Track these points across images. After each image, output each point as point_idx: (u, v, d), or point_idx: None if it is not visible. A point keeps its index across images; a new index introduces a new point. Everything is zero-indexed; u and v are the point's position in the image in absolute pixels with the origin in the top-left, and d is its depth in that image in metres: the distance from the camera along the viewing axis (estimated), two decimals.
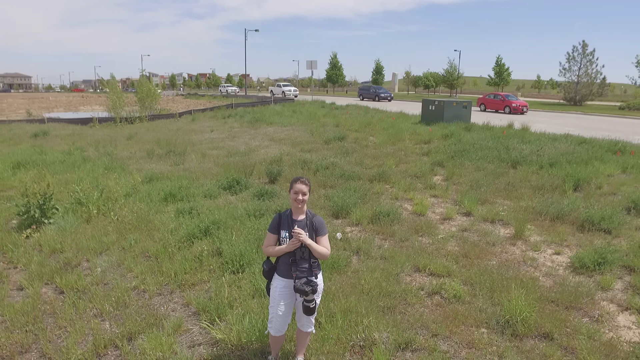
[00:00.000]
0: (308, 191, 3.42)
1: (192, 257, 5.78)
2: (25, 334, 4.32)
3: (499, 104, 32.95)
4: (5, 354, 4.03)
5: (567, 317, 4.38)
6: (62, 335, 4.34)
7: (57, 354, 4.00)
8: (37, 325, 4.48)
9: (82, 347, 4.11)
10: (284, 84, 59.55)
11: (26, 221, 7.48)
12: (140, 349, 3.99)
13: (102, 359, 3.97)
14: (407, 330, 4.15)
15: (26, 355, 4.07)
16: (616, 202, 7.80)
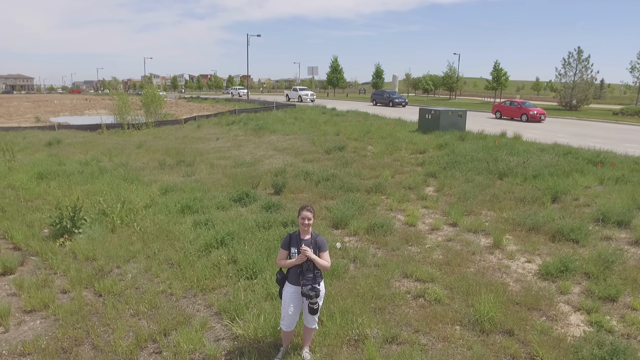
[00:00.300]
0: (313, 217, 4.30)
1: (211, 264, 6.67)
2: (77, 330, 5.20)
3: (515, 112, 31.94)
4: (65, 346, 4.91)
5: (527, 317, 5.26)
6: (107, 331, 5.22)
7: (106, 347, 4.88)
8: (85, 323, 5.36)
9: (126, 340, 4.99)
10: (301, 87, 57.34)
11: (59, 231, 8.36)
12: (175, 342, 4.87)
13: (144, 351, 4.86)
14: (393, 327, 5.03)
15: (81, 347, 4.94)
16: (588, 214, 8.67)
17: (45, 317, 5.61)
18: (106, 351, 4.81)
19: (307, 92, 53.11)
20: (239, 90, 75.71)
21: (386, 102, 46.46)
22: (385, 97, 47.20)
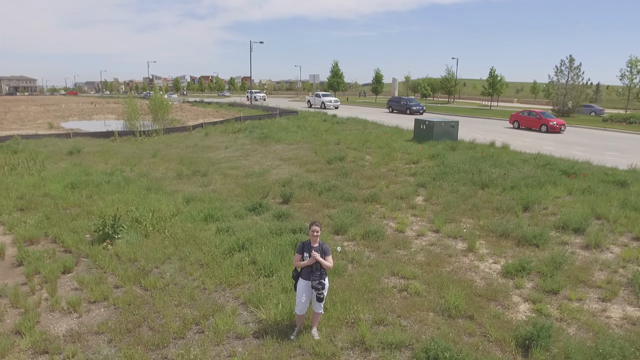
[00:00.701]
0: (320, 230, 5.78)
1: (235, 265, 8.15)
2: (135, 316, 6.68)
3: (534, 122, 31.28)
4: (129, 327, 6.39)
5: (486, 305, 6.75)
6: (159, 316, 6.70)
7: (160, 328, 6.36)
8: (140, 310, 6.84)
9: (175, 323, 6.47)
10: (324, 93, 53.95)
11: (101, 236, 9.84)
12: (213, 324, 6.35)
13: (190, 331, 6.34)
14: (381, 313, 6.51)
15: (140, 328, 6.42)
16: (552, 222, 10.14)
17: (107, 306, 7.10)
18: (161, 331, 6.28)
19: (331, 99, 50.46)
20: (255, 94, 73.95)
21: (403, 109, 44.51)
22: (402, 105, 45.36)
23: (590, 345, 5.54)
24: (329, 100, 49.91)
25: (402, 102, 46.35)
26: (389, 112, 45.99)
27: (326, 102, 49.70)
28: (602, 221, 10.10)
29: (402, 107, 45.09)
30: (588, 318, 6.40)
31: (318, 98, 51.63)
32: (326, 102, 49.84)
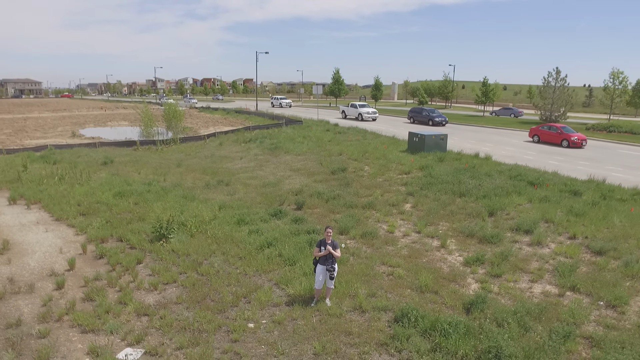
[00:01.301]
0: (332, 232, 8.60)
1: (266, 257, 10.95)
2: (199, 293, 9.48)
3: (555, 137, 31.06)
4: (197, 300, 9.19)
5: (447, 285, 9.55)
6: (217, 293, 9.49)
7: (220, 300, 9.16)
8: (202, 289, 9.64)
9: (229, 297, 9.26)
10: (360, 103, 49.24)
11: (157, 237, 12.64)
12: (256, 297, 9.14)
13: (241, 302, 9.13)
14: (374, 289, 9.31)
15: (205, 300, 9.21)
16: (509, 225, 12.95)
17: (177, 286, 9.90)
18: (220, 302, 9.07)
19: (369, 110, 46.70)
20: (281, 101, 73.82)
21: (425, 120, 43.42)
22: (424, 116, 44.20)
23: (510, 308, 8.36)
24: (366, 112, 46.04)
25: (424, 112, 44.80)
26: (409, 122, 44.59)
27: (364, 114, 45.82)
28: (548, 224, 12.92)
29: (424, 118, 43.93)
30: (516, 293, 9.21)
31: (354, 109, 47.68)
32: (364, 113, 45.91)
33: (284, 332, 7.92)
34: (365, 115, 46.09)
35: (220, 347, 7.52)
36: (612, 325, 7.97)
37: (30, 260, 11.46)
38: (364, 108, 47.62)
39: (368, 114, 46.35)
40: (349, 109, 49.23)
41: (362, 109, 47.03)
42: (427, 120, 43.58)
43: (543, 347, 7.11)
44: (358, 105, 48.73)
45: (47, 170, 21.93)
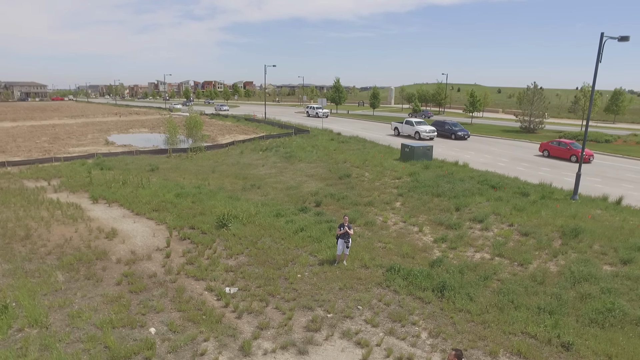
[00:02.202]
0: (347, 218, 13.93)
1: (300, 238, 16.22)
2: (261, 259, 14.73)
3: (564, 152, 32.28)
4: (261, 262, 14.45)
5: (420, 253, 14.86)
6: (274, 259, 14.74)
7: (275, 263, 14.41)
8: (262, 257, 14.88)
9: (281, 261, 14.50)
10: (417, 120, 44.91)
11: (219, 225, 17.86)
12: (298, 261, 14.40)
13: (290, 264, 14.38)
14: (373, 255, 14.58)
15: (266, 263, 14.45)
16: (469, 216, 18.25)
17: (245, 256, 15.14)
18: (277, 264, 14.31)
19: (426, 128, 42.70)
20: (317, 110, 70.10)
21: (447, 134, 42.90)
22: (446, 129, 43.79)
23: (457, 265, 13.67)
24: (424, 130, 42.29)
25: (447, 126, 44.39)
26: None
27: (422, 133, 42.10)
28: (496, 216, 18.23)
29: (446, 132, 43.60)
30: (464, 257, 14.52)
31: (410, 126, 43.91)
32: (422, 132, 42.16)
33: (319, 278, 13.20)
34: (424, 133, 42.01)
35: (283, 286, 12.78)
36: (516, 273, 13.30)
37: (136, 241, 16.69)
38: (422, 126, 43.20)
39: (426, 133, 42.12)
40: (404, 125, 44.99)
41: (420, 127, 42.80)
42: (450, 134, 43.28)
43: (470, 283, 12.43)
44: (415, 122, 44.06)
45: (108, 176, 27.15)
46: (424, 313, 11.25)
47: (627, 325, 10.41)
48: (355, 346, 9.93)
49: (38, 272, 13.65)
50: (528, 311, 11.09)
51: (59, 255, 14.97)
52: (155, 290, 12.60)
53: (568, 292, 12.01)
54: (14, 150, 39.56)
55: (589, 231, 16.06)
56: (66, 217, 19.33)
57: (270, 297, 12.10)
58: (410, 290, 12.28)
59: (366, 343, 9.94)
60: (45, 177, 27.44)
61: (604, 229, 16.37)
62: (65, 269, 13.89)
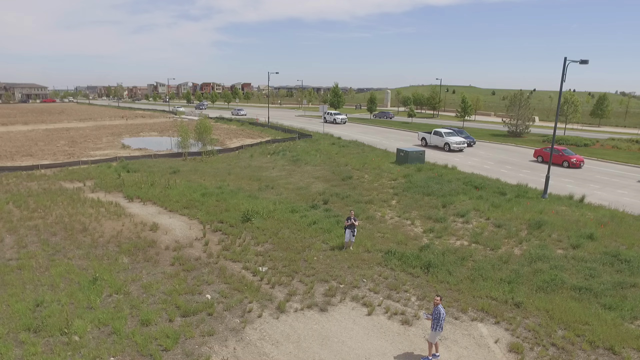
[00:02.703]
0: (353, 212, 17.42)
1: (313, 229, 19.69)
2: (284, 245, 18.18)
3: (557, 158, 33.96)
4: (283, 248, 17.90)
5: (412, 240, 18.36)
6: (292, 245, 18.18)
7: (295, 248, 17.86)
8: (284, 244, 18.31)
9: (300, 247, 17.97)
10: (446, 131, 43.56)
11: (244, 220, 21.29)
12: (314, 247, 17.86)
13: (306, 249, 17.83)
14: (373, 242, 18.07)
15: (288, 249, 17.90)
16: (453, 212, 21.77)
17: (270, 243, 18.58)
18: (297, 249, 17.74)
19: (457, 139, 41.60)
20: (335, 116, 69.36)
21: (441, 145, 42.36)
22: None
23: (440, 249, 17.17)
24: (455, 142, 41.40)
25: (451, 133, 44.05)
26: None
27: (452, 144, 41.25)
28: (476, 212, 21.76)
29: None
30: (447, 244, 18.02)
31: (439, 137, 42.84)
32: (452, 143, 41.27)
33: (331, 260, 16.65)
34: (454, 145, 41.13)
35: (303, 265, 16.21)
36: (487, 255, 16.82)
37: (176, 233, 20.09)
38: (451, 137, 42.21)
39: (456, 144, 41.30)
40: (432, 136, 43.96)
41: (450, 138, 41.88)
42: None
43: (450, 262, 15.93)
44: (444, 133, 42.95)
45: (135, 177, 30.50)
46: (413, 284, 14.74)
47: (564, 291, 13.94)
48: (362, 306, 13.40)
49: (106, 256, 17.05)
50: (492, 282, 14.60)
51: (117, 244, 18.36)
52: (203, 269, 16.02)
53: (525, 268, 15.53)
54: (40, 154, 42.79)
55: (551, 223, 19.63)
56: (110, 213, 22.68)
57: (294, 273, 15.54)
58: (403, 268, 15.77)
59: (370, 304, 13.40)
60: (79, 179, 30.75)
61: (563, 222, 19.94)
62: (126, 254, 17.30)
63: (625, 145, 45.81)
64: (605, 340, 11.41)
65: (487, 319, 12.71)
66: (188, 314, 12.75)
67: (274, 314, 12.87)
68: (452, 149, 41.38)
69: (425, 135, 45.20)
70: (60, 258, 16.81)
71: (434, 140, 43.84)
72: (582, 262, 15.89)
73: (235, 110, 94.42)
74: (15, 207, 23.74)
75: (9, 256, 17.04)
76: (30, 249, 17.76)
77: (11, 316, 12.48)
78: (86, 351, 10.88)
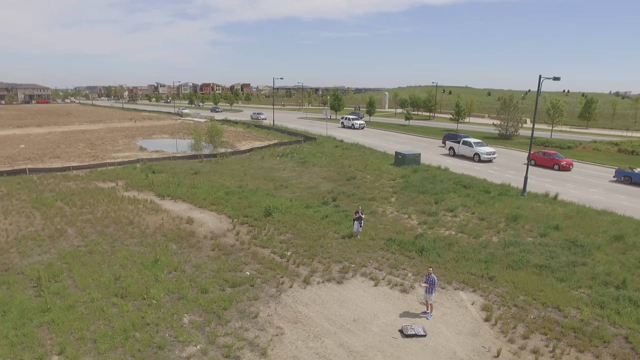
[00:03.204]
0: (360, 207, 21.17)
1: (326, 222, 23.39)
2: (303, 234, 21.89)
3: (548, 161, 36.81)
4: (302, 237, 21.62)
5: (409, 230, 22.10)
6: (309, 234, 21.90)
7: (311, 237, 21.57)
8: (302, 233, 22.01)
9: (316, 236, 21.67)
10: (476, 141, 42.99)
11: (265, 214, 24.98)
12: (327, 236, 21.57)
13: (322, 238, 21.54)
14: (377, 232, 21.78)
15: (306, 237, 21.62)
16: (444, 207, 25.53)
17: (290, 233, 22.26)
18: (314, 237, 21.46)
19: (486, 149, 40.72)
20: (353, 122, 68.60)
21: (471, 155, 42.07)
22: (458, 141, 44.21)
23: (432, 237, 20.93)
24: (485, 152, 40.44)
25: (459, 139, 45.64)
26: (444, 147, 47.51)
27: (482, 154, 40.37)
28: (464, 207, 25.53)
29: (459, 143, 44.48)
30: (437, 233, 21.77)
31: (468, 147, 42.26)
32: (482, 153, 40.39)
33: (343, 246, 20.36)
34: (484, 155, 40.20)
35: (320, 250, 19.89)
36: (470, 242, 20.57)
37: (209, 225, 23.76)
38: (481, 147, 41.33)
39: (486, 155, 40.22)
40: (461, 146, 43.29)
41: (480, 148, 40.91)
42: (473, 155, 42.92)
43: (440, 247, 19.67)
44: (473, 143, 42.25)
45: (161, 178, 34.12)
46: (410, 264, 18.48)
47: (528, 268, 17.71)
48: (370, 280, 17.12)
49: (156, 243, 20.71)
50: (472, 261, 18.35)
51: (163, 234, 22.02)
52: (238, 253, 19.71)
53: (499, 251, 19.30)
54: (66, 156, 46.36)
55: (525, 217, 23.41)
56: (148, 209, 26.32)
57: (313, 256, 19.25)
58: (401, 252, 19.51)
59: (376, 278, 17.12)
60: (110, 179, 34.37)
61: (536, 216, 23.74)
62: (173, 242, 20.97)
63: (605, 147, 49.67)
64: (554, 301, 15.17)
65: (467, 288, 16.45)
66: (235, 285, 16.45)
67: (302, 285, 16.58)
68: (482, 159, 40.46)
69: (454, 145, 44.21)
70: (119, 245, 20.48)
71: (462, 150, 43.16)
72: (545, 247, 19.66)
73: (254, 114, 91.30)
74: (64, 204, 27.35)
75: (77, 244, 20.70)
76: (92, 238, 21.41)
77: (99, 286, 16.17)
78: (165, 309, 14.58)
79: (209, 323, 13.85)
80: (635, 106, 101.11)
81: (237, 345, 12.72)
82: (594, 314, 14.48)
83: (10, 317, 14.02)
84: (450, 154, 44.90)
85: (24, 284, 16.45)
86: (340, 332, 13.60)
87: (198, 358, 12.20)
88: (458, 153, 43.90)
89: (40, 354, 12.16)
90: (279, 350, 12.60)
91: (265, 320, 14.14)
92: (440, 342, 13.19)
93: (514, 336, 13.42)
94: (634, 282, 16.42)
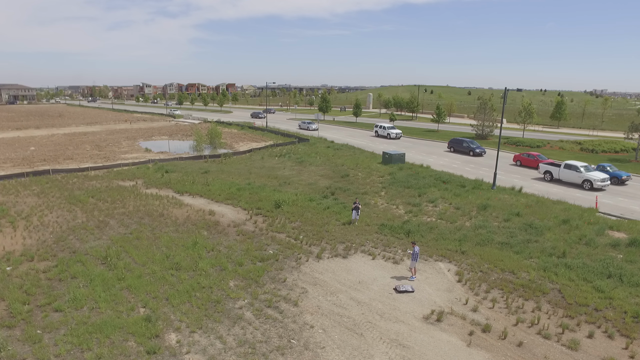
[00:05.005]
0: (357, 199, 25.75)
1: (328, 212, 27.90)
2: (310, 222, 26.36)
3: (532, 162, 40.33)
4: (309, 224, 26.08)
5: (398, 217, 26.77)
6: (314, 222, 26.38)
7: (317, 224, 26.06)
8: (309, 221, 26.49)
9: (321, 223, 26.16)
10: (583, 164, 35.45)
11: (275, 206, 29.37)
12: (331, 223, 26.08)
13: (326, 224, 26.06)
14: (371, 219, 26.40)
15: (313, 225, 26.08)
16: (426, 199, 30.29)
17: (298, 222, 26.69)
18: (319, 224, 25.93)
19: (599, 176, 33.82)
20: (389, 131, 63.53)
21: (466, 151, 48.24)
22: (464, 147, 49.03)
23: (417, 223, 25.63)
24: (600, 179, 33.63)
25: (465, 144, 48.63)
26: (450, 151, 50.50)
27: (594, 182, 33.58)
28: (443, 199, 30.33)
29: (464, 149, 48.57)
30: (420, 220, 26.45)
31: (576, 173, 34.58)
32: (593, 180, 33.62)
33: (344, 230, 24.88)
34: (598, 183, 33.65)
35: (326, 234, 24.37)
36: (448, 227, 25.32)
37: (229, 216, 28.05)
38: (591, 172, 34.49)
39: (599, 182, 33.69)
40: (562, 170, 35.93)
41: (592, 174, 34.17)
42: (468, 151, 48.34)
43: (422, 230, 24.36)
44: (580, 167, 34.84)
45: (175, 176, 38.20)
46: (399, 243, 23.11)
47: (493, 245, 22.51)
48: (368, 255, 21.69)
49: (189, 231, 24.96)
50: (449, 240, 23.07)
51: (192, 223, 26.26)
52: (260, 237, 24.09)
53: (470, 233, 24.06)
54: (79, 157, 49.91)
55: (493, 206, 28.30)
56: (172, 204, 30.48)
57: (321, 238, 23.73)
58: (392, 234, 24.13)
59: (373, 254, 21.69)
60: (129, 178, 38.29)
61: (502, 205, 28.65)
62: (204, 229, 25.24)
63: (570, 146, 55.21)
64: (510, 268, 19.96)
65: (444, 260, 21.16)
66: (263, 260, 20.86)
67: (315, 260, 21.08)
68: (594, 187, 33.48)
69: (552, 169, 36.61)
70: (159, 232, 24.67)
71: (566, 175, 35.44)
72: (507, 229, 24.51)
73: (304, 122, 75.90)
74: (96, 200, 31.32)
75: (122, 232, 24.84)
76: (134, 227, 25.54)
77: (155, 262, 20.43)
78: (213, 277, 18.93)
79: (250, 286, 18.27)
80: (604, 105, 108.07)
81: (274, 299, 17.18)
82: (539, 275, 19.30)
83: (96, 283, 18.23)
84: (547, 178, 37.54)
85: (94, 261, 20.61)
86: (350, 290, 18.16)
87: (248, 307, 16.62)
88: (560, 178, 36.56)
89: (131, 305, 16.45)
90: (306, 302, 17.09)
91: (292, 284, 18.61)
92: (425, 296, 17.84)
93: (479, 291, 18.14)
94: (571, 253, 21.35)
